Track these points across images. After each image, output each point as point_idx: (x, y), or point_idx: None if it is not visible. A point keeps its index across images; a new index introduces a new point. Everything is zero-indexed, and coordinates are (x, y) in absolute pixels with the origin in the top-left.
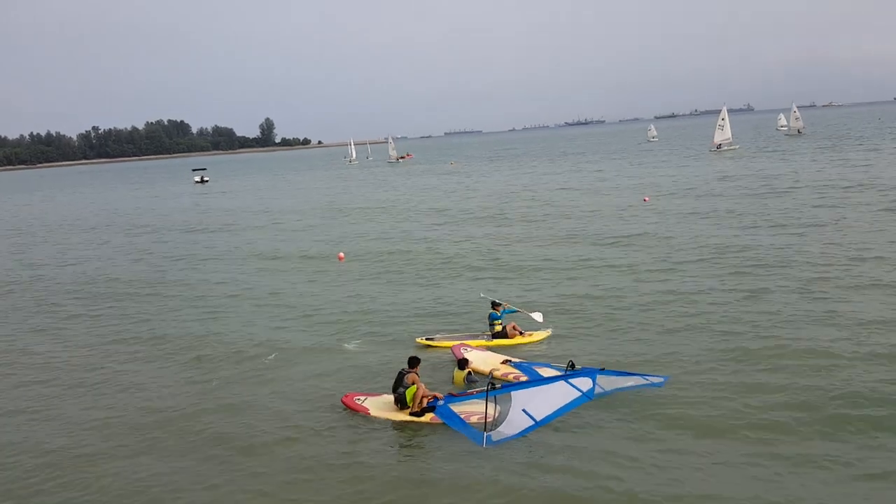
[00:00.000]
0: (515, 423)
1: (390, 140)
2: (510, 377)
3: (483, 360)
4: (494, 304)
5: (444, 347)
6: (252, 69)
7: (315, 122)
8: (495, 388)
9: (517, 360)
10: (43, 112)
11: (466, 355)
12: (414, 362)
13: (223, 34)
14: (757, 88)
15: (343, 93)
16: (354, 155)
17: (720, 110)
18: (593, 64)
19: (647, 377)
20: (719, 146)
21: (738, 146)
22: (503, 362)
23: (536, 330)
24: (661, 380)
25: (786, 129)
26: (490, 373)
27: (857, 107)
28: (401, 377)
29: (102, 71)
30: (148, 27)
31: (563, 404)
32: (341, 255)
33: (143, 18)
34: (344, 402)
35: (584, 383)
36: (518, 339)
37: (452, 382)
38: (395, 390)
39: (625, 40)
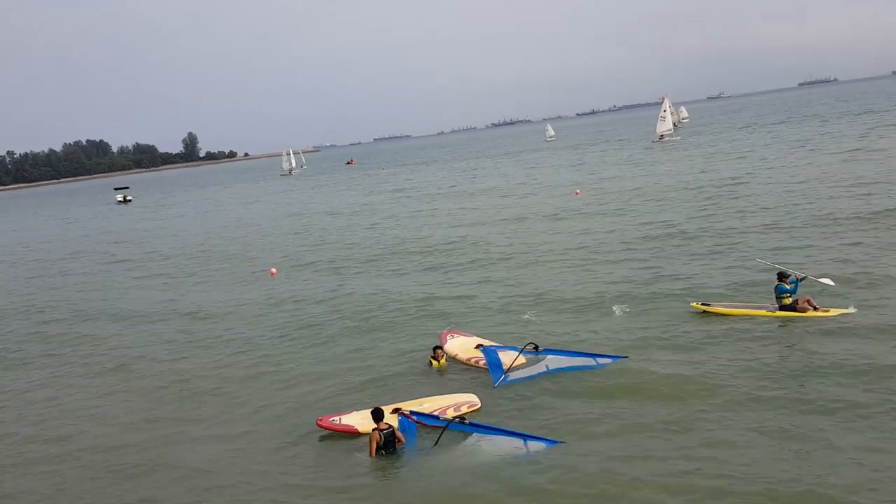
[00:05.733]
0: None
1: (290, 152)
2: (472, 361)
3: (461, 345)
4: (782, 276)
5: (722, 314)
6: (169, 85)
7: (238, 134)
8: (463, 422)
9: (487, 343)
10: None
11: (451, 341)
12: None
13: (138, 52)
14: (671, 81)
15: (265, 103)
16: (294, 163)
17: (637, 105)
18: (517, 65)
19: (597, 357)
20: (661, 137)
21: (678, 137)
22: (476, 347)
23: (835, 306)
24: (609, 360)
25: (687, 119)
26: (453, 356)
27: (765, 94)
28: None
29: (12, 94)
30: (56, 47)
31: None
32: (273, 270)
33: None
34: (320, 425)
35: (538, 447)
36: (811, 314)
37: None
38: None
39: (545, 39)
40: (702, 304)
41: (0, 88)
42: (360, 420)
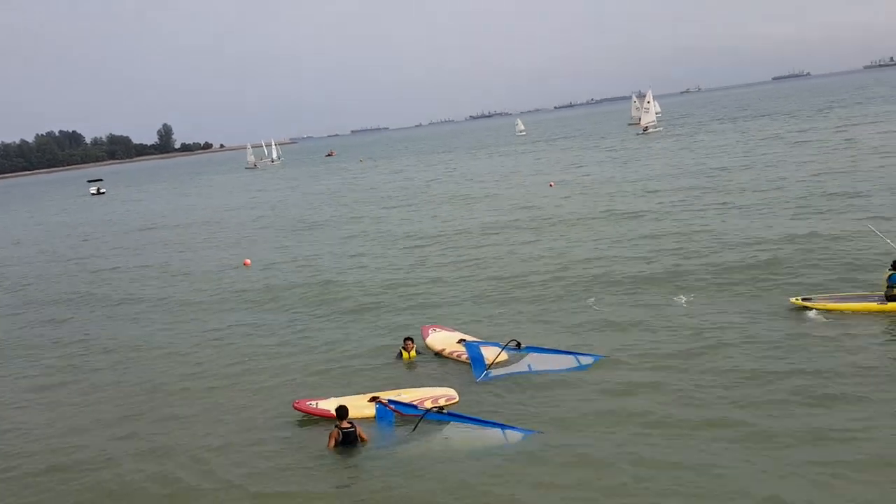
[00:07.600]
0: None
1: (249, 146)
2: (454, 355)
3: (444, 339)
4: None
5: (825, 309)
6: (143, 75)
7: (213, 125)
8: (441, 412)
9: (470, 338)
10: None
11: (433, 335)
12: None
13: (111, 41)
14: (646, 74)
15: (245, 93)
16: (274, 155)
17: (613, 98)
18: (497, 57)
19: (578, 357)
20: (646, 128)
21: (661, 128)
22: (458, 342)
23: None
24: (591, 359)
25: (659, 114)
26: (437, 352)
27: (739, 88)
28: None
29: None
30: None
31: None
32: (247, 261)
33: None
34: (297, 408)
35: (515, 437)
36: None
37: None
38: None
39: (524, 32)
40: (802, 300)
41: None
42: (337, 406)
